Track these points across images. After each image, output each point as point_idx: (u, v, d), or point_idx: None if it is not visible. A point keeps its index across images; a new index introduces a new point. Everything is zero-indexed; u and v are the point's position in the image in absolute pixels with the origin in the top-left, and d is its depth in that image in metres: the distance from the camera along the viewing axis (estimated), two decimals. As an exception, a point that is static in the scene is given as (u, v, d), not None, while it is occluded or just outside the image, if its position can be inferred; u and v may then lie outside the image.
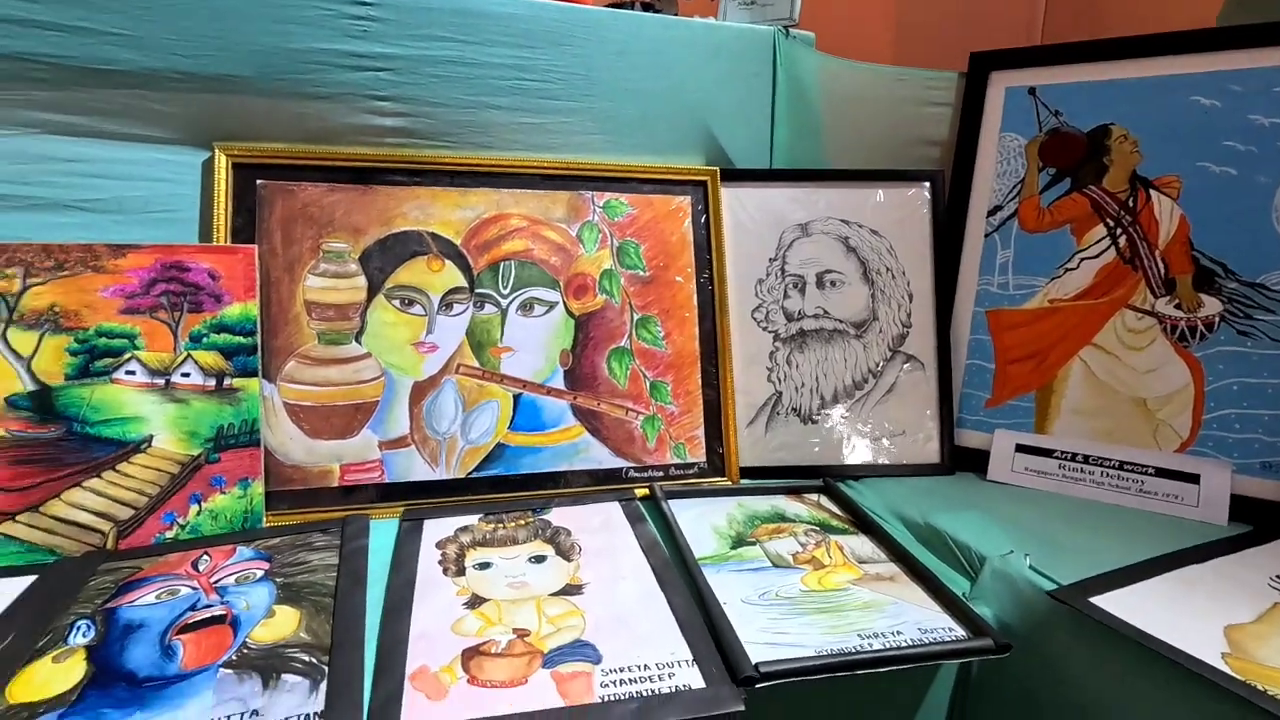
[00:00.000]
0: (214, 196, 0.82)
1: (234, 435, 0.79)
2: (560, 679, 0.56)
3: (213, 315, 0.79)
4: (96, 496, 0.73)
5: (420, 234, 0.89)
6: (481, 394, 0.88)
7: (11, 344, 0.73)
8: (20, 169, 0.76)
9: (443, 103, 0.87)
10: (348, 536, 0.75)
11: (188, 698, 0.53)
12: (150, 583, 0.67)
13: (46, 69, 0.73)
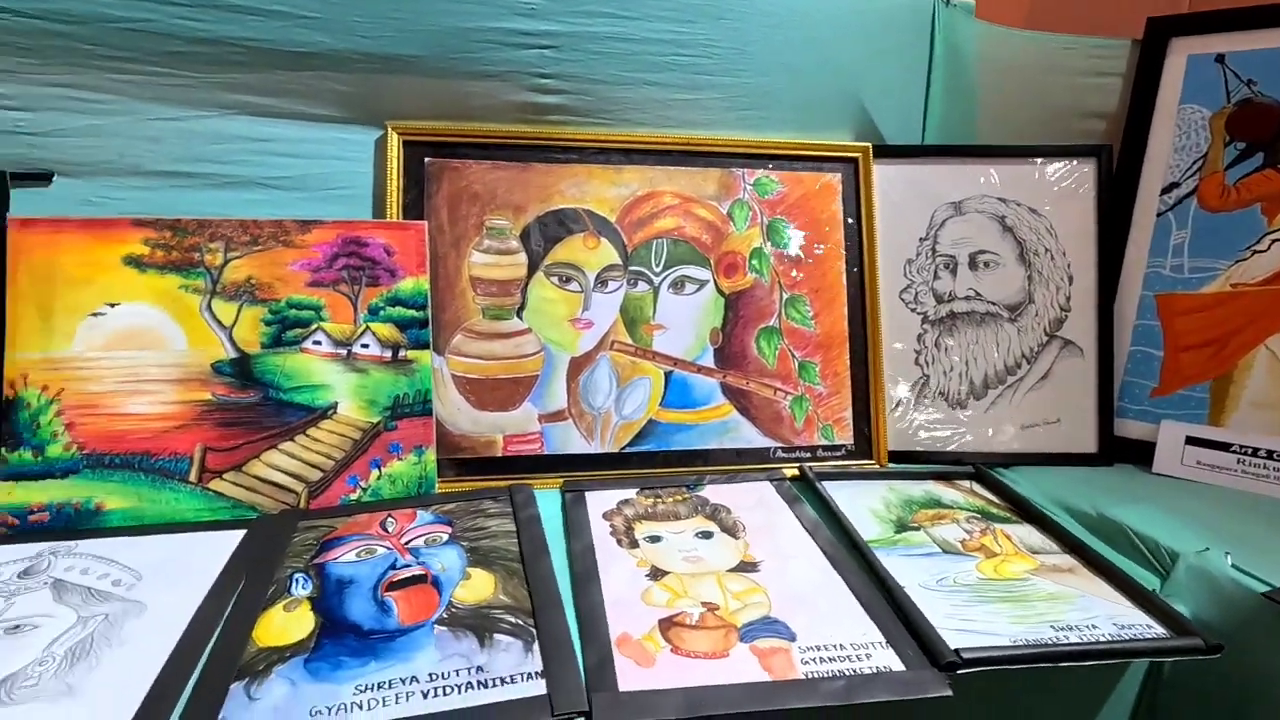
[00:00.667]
0: (386, 174, 0.86)
1: (409, 405, 0.83)
2: (760, 653, 0.57)
3: (388, 289, 0.83)
4: (290, 459, 0.78)
5: (577, 211, 0.90)
6: (634, 370, 0.90)
7: (216, 314, 0.78)
8: (217, 149, 0.82)
9: (601, 79, 0.88)
10: (518, 505, 0.78)
11: (413, 651, 0.56)
12: (347, 541, 0.72)
13: (245, 52, 0.77)
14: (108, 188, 0.79)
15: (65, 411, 0.73)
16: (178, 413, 0.75)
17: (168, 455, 0.75)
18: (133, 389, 0.75)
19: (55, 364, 0.73)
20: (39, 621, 0.57)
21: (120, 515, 0.72)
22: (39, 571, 0.64)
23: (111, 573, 0.64)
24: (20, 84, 0.73)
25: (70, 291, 0.74)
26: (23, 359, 0.73)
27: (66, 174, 0.77)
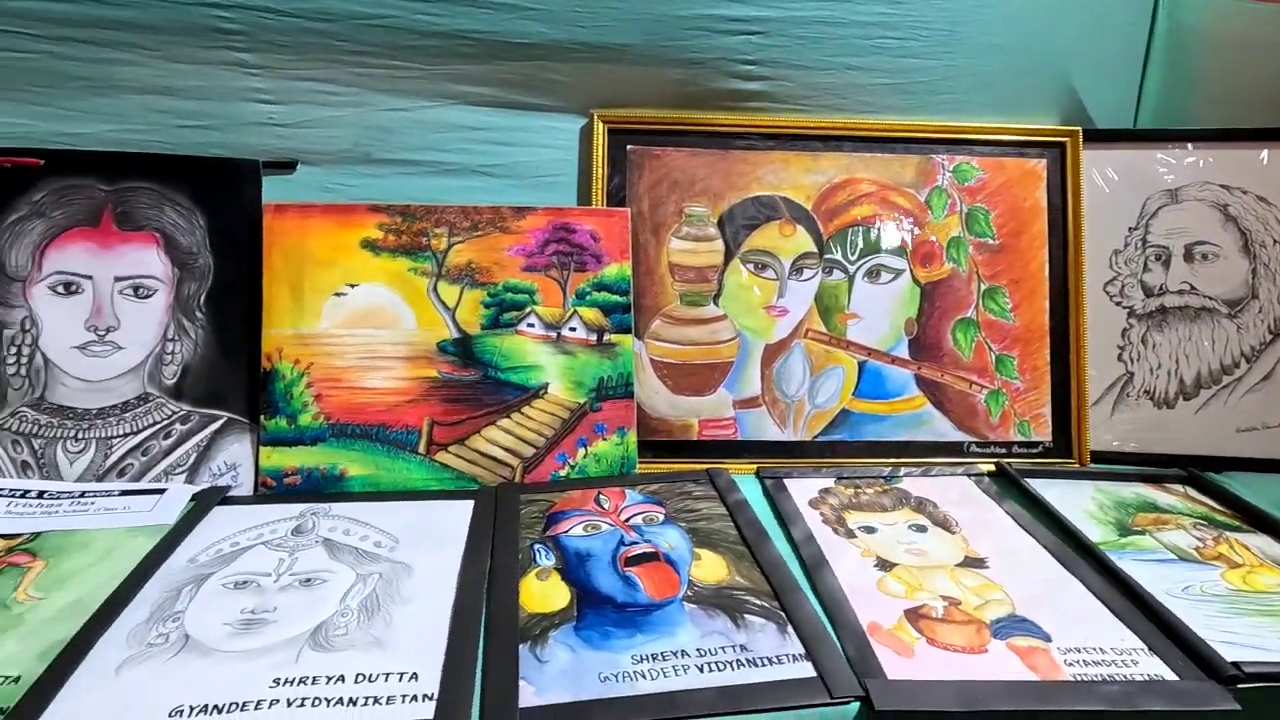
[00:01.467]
0: (592, 161, 0.88)
1: (612, 387, 0.85)
2: (1019, 651, 0.56)
3: (594, 274, 0.86)
4: (507, 435, 0.83)
5: (774, 198, 0.90)
6: (828, 359, 0.90)
7: (441, 296, 0.83)
8: (440, 137, 0.86)
9: (804, 65, 0.87)
10: (721, 489, 0.79)
11: (672, 626, 0.58)
12: (569, 516, 0.75)
13: (473, 44, 0.81)
14: (343, 175, 0.85)
15: (314, 384, 0.79)
16: (408, 388, 0.81)
17: (400, 428, 0.80)
18: (370, 365, 0.80)
19: (305, 340, 0.80)
20: (325, 576, 0.63)
21: (360, 481, 0.79)
22: (307, 530, 0.71)
23: (370, 535, 0.70)
24: (276, 79, 0.80)
25: (317, 272, 0.80)
26: (277, 334, 0.79)
27: (308, 162, 0.83)
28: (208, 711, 0.47)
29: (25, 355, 0.76)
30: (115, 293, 0.78)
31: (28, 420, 0.76)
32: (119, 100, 0.77)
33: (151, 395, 0.78)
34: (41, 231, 0.78)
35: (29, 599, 0.58)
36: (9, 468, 0.74)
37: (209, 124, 0.80)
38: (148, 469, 0.76)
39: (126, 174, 0.80)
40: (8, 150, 0.77)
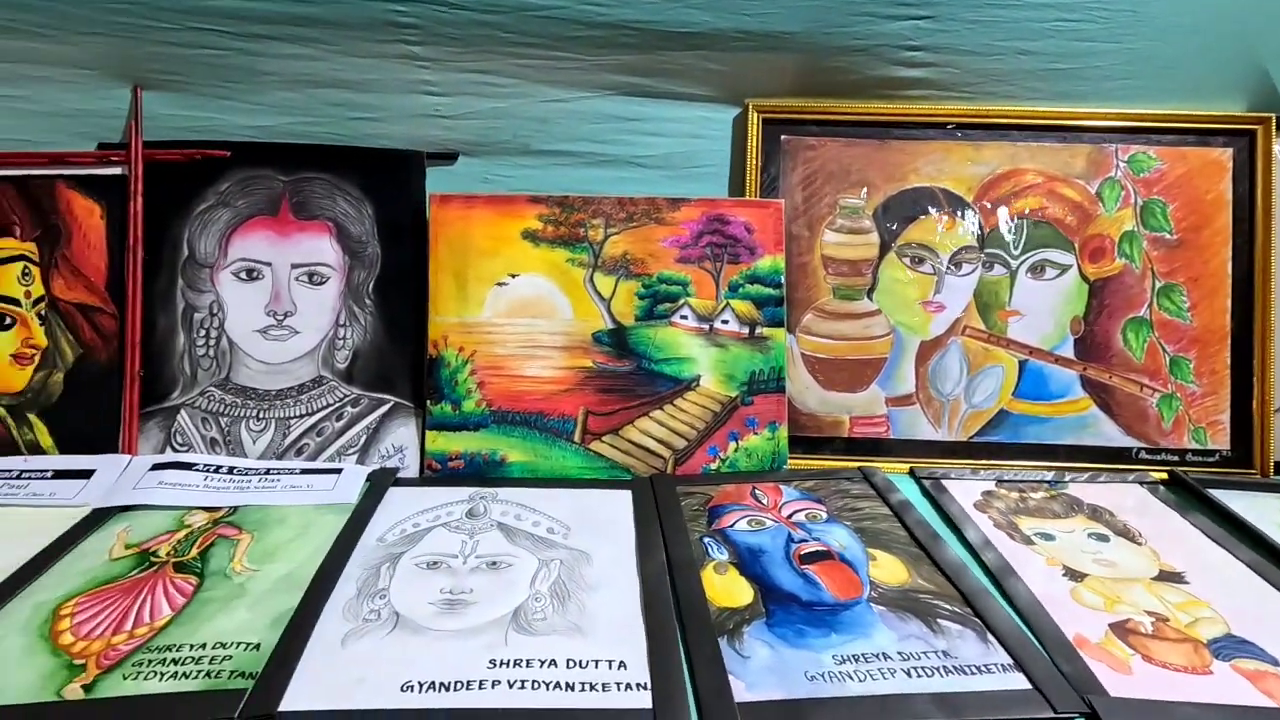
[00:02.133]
0: (746, 151, 0.87)
1: (764, 381, 0.84)
2: (1248, 675, 0.53)
3: (747, 266, 0.85)
4: (660, 426, 0.83)
5: (932, 190, 0.87)
6: (986, 358, 0.87)
7: (597, 286, 0.84)
8: (595, 128, 0.86)
9: (971, 50, 0.83)
10: (880, 488, 0.77)
11: (865, 627, 0.57)
12: (730, 509, 0.74)
13: (635, 34, 0.80)
14: (500, 166, 0.86)
15: (477, 371, 0.81)
16: (564, 377, 0.82)
17: (557, 416, 0.82)
18: (529, 354, 0.82)
19: (469, 328, 0.82)
20: (509, 560, 0.64)
21: (520, 468, 0.80)
22: (480, 514, 0.73)
23: (540, 520, 0.71)
24: (444, 71, 0.81)
25: (480, 262, 0.82)
26: (442, 321, 0.82)
27: (468, 153, 0.85)
28: (435, 689, 0.49)
29: (213, 338, 0.81)
30: (292, 279, 0.82)
31: (214, 399, 0.80)
32: (299, 94, 0.81)
33: (325, 378, 0.82)
34: (227, 220, 0.82)
35: (245, 570, 0.61)
36: (199, 444, 0.79)
37: (379, 116, 0.82)
38: (322, 449, 0.80)
39: (302, 165, 0.83)
40: (198, 143, 0.82)
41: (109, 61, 0.77)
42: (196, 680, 0.48)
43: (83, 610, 0.55)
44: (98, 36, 0.76)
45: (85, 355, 0.78)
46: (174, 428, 0.79)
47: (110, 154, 0.79)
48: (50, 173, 0.79)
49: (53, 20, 0.75)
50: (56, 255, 0.79)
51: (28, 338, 0.78)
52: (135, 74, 0.78)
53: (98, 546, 0.64)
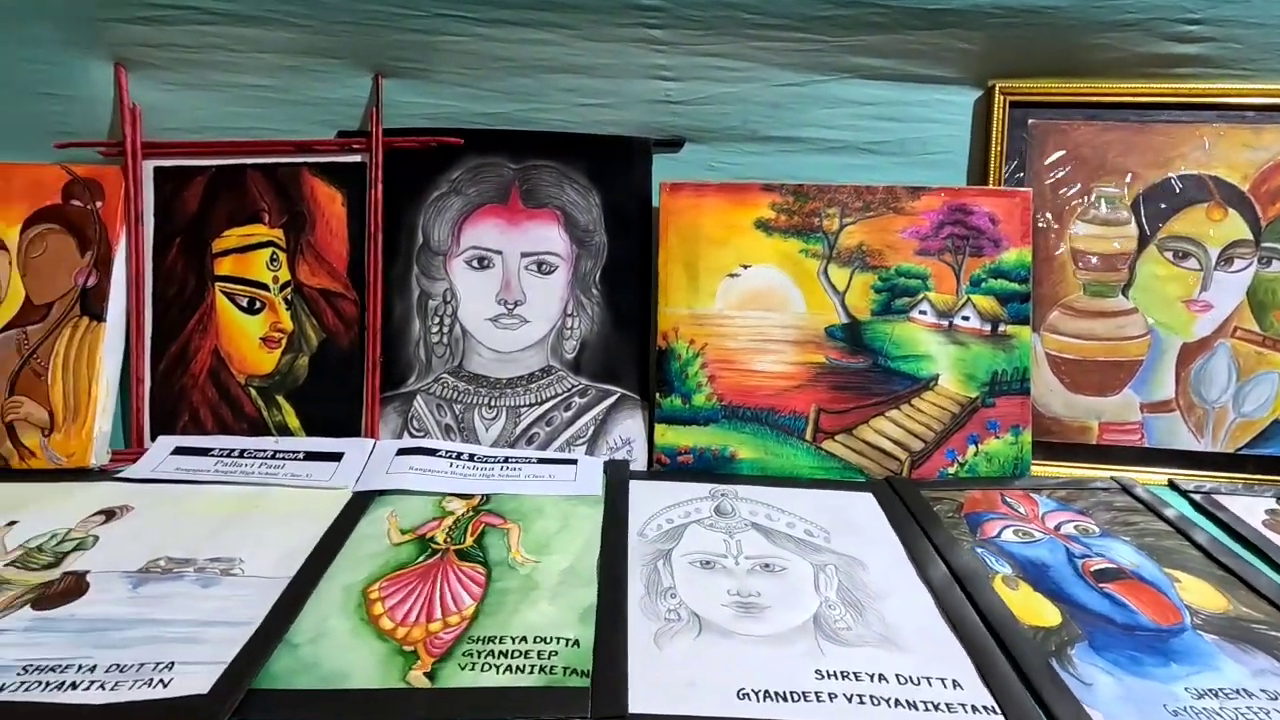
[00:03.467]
0: (990, 137, 0.82)
1: (1007, 382, 0.79)
2: None
3: (991, 260, 0.80)
4: (896, 427, 0.79)
5: (1201, 178, 0.80)
6: (1259, 363, 0.79)
7: (831, 279, 0.81)
8: (825, 113, 0.82)
9: (1261, 22, 0.76)
10: (1147, 501, 0.71)
11: (1207, 657, 0.52)
12: (989, 518, 0.69)
13: (885, 13, 0.75)
14: (725, 152, 0.83)
15: (708, 364, 0.79)
16: (796, 373, 0.79)
17: (788, 413, 0.79)
18: (760, 348, 0.79)
19: (700, 320, 0.80)
20: (780, 563, 0.62)
21: (749, 464, 0.78)
22: (729, 513, 0.71)
23: (794, 521, 0.69)
24: (680, 55, 0.79)
25: (711, 252, 0.80)
26: (673, 313, 0.80)
27: (694, 140, 0.83)
28: (771, 698, 0.47)
29: (447, 325, 0.82)
30: (521, 268, 0.82)
31: (448, 386, 0.81)
32: (533, 79, 0.80)
33: (553, 368, 0.82)
34: (459, 208, 0.83)
35: (526, 560, 0.61)
36: (435, 429, 0.80)
37: (609, 101, 0.81)
38: (552, 438, 0.80)
39: (531, 152, 0.82)
40: (432, 130, 0.82)
41: (355, 50, 0.78)
42: (532, 675, 0.48)
43: (389, 595, 0.56)
44: (348, 25, 0.76)
45: (328, 340, 0.80)
46: (411, 413, 0.80)
47: (352, 141, 0.80)
48: (296, 160, 0.81)
49: (310, 10, 0.76)
50: (302, 242, 0.81)
51: (275, 322, 0.81)
52: (378, 62, 0.78)
53: (373, 530, 0.65)
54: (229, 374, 0.80)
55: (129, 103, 0.79)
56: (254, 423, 0.79)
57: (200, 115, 0.80)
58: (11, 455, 0.74)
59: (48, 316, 0.77)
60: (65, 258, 0.78)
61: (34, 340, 0.77)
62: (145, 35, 0.77)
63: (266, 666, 0.48)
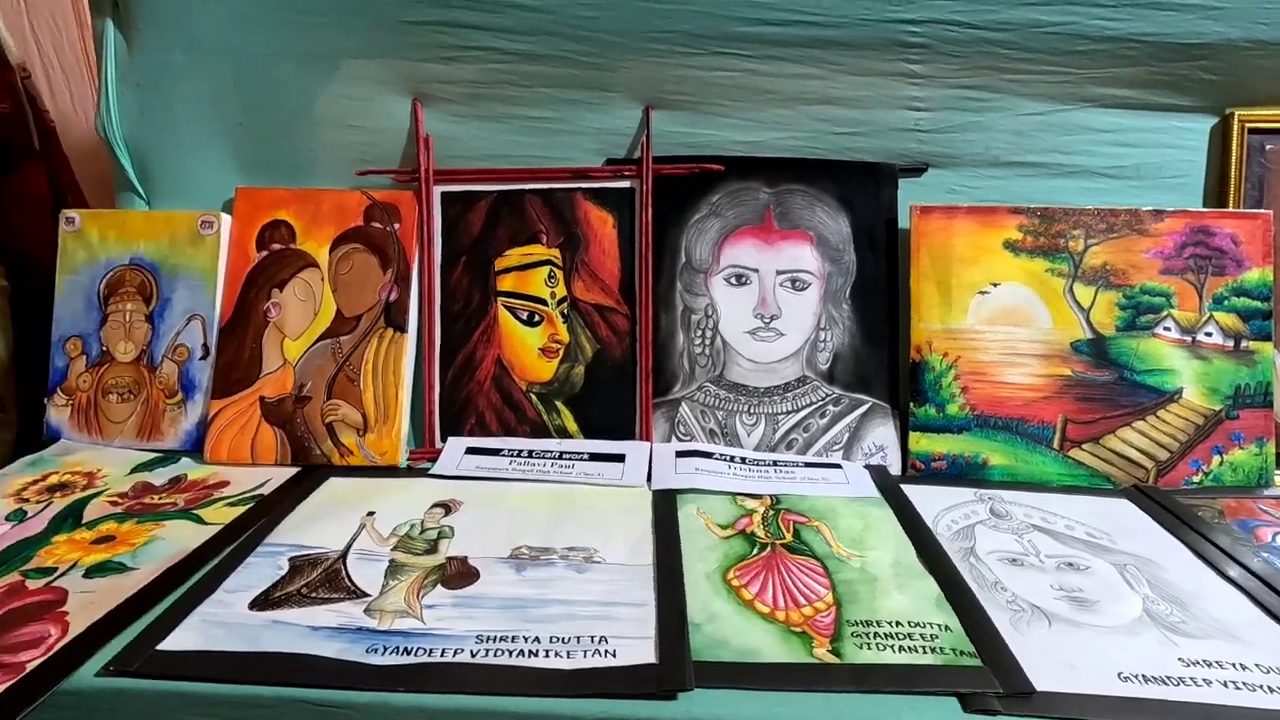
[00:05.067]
0: (1228, 162, 0.85)
1: (1250, 395, 0.83)
2: None
3: (1234, 279, 0.83)
4: (1142, 437, 0.84)
5: None
6: None
7: (1076, 296, 0.86)
8: (1065, 140, 0.87)
9: None
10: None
11: None
12: (1255, 525, 0.72)
13: (1138, 47, 0.80)
14: (966, 177, 0.89)
15: (961, 376, 0.84)
16: (1043, 385, 0.83)
17: (1037, 422, 0.83)
18: (1009, 361, 0.84)
19: (952, 334, 0.85)
20: (1081, 562, 0.67)
21: (1000, 471, 0.83)
22: (1005, 515, 0.75)
23: (1073, 525, 0.73)
24: (933, 88, 0.85)
25: (962, 270, 0.85)
26: (926, 328, 0.85)
27: (936, 165, 0.88)
28: (1151, 681, 0.51)
29: (708, 337, 0.88)
30: (776, 285, 0.88)
31: (710, 394, 0.87)
32: (791, 110, 0.86)
33: (808, 378, 0.87)
34: (719, 229, 0.89)
35: (850, 554, 0.66)
36: (700, 434, 0.86)
37: (861, 130, 0.87)
38: (809, 444, 0.85)
39: (786, 177, 0.89)
40: (695, 158, 0.89)
41: (631, 85, 0.85)
42: (927, 655, 0.53)
43: (749, 583, 0.62)
44: (630, 63, 0.84)
45: (602, 350, 0.87)
46: (677, 418, 0.86)
47: (623, 169, 0.88)
48: (570, 186, 0.89)
49: (598, 50, 0.83)
50: (577, 260, 0.88)
51: (553, 334, 0.88)
52: (650, 95, 0.86)
53: (692, 525, 0.70)
54: (511, 381, 0.88)
55: (423, 133, 0.89)
56: (535, 426, 0.86)
57: (484, 145, 0.88)
58: (333, 453, 0.82)
59: (357, 328, 0.86)
60: (369, 274, 0.86)
61: (346, 349, 0.85)
62: (445, 73, 0.86)
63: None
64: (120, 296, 0.86)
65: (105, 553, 0.65)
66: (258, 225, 0.87)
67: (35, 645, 0.53)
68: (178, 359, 0.85)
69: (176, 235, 0.86)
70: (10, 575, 0.62)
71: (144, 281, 0.86)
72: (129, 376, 0.85)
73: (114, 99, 0.86)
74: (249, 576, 0.61)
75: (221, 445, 0.82)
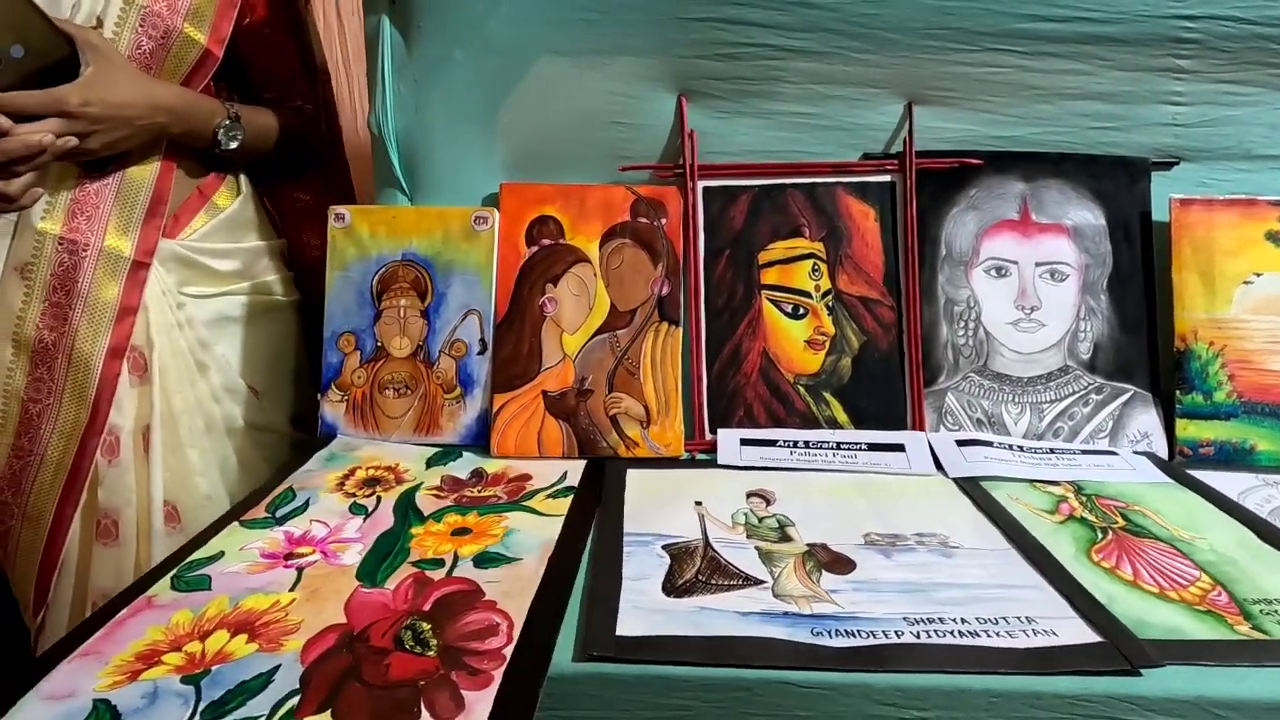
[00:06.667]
0: None
1: None
2: None
3: None
4: None
5: None
6: None
7: None
8: None
9: None
10: None
11: None
12: None
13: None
14: (1218, 171, 0.90)
15: (1227, 364, 0.87)
16: (1305, 372, 0.88)
17: (1301, 409, 0.87)
18: (1274, 349, 0.86)
19: (1218, 323, 0.87)
20: None
21: (1266, 456, 0.84)
22: None
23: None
24: (1197, 83, 0.86)
25: (1225, 262, 0.86)
26: (1190, 317, 0.87)
27: (1189, 159, 0.90)
28: None
29: (971, 329, 0.90)
30: (1036, 276, 0.90)
31: (975, 384, 0.89)
32: (1052, 105, 0.88)
33: (1070, 368, 0.89)
34: (977, 222, 0.91)
35: (1190, 536, 0.68)
36: (967, 423, 0.87)
37: (1119, 125, 0.88)
38: (1075, 432, 0.87)
39: (1041, 171, 0.90)
40: (955, 152, 0.90)
41: (897, 81, 0.86)
42: None
43: (1117, 565, 0.64)
44: (901, 59, 0.85)
45: (868, 342, 0.88)
46: (944, 408, 0.88)
47: (885, 163, 0.89)
48: (830, 180, 0.90)
49: (871, 46, 0.84)
50: (840, 254, 0.89)
51: (818, 326, 0.89)
52: (913, 90, 0.87)
53: (1017, 511, 0.71)
54: (778, 373, 0.89)
55: (688, 129, 0.90)
56: (805, 417, 0.88)
57: (745, 140, 0.89)
58: (619, 445, 0.83)
59: (632, 321, 0.87)
60: (641, 269, 0.87)
61: (624, 342, 0.86)
62: (715, 69, 0.87)
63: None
64: (394, 292, 0.87)
65: (475, 544, 0.66)
66: (525, 221, 0.89)
67: (494, 633, 0.54)
68: (455, 354, 0.86)
69: (450, 231, 0.87)
70: (405, 568, 0.62)
71: (418, 277, 0.87)
72: (405, 372, 0.86)
73: (390, 95, 0.87)
74: (638, 566, 0.62)
75: (508, 439, 0.84)
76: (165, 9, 0.82)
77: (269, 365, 0.97)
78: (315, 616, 0.56)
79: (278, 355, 0.99)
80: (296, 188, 1.03)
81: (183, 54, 0.84)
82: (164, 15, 0.82)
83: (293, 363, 1.01)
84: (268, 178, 1.01)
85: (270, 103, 0.96)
